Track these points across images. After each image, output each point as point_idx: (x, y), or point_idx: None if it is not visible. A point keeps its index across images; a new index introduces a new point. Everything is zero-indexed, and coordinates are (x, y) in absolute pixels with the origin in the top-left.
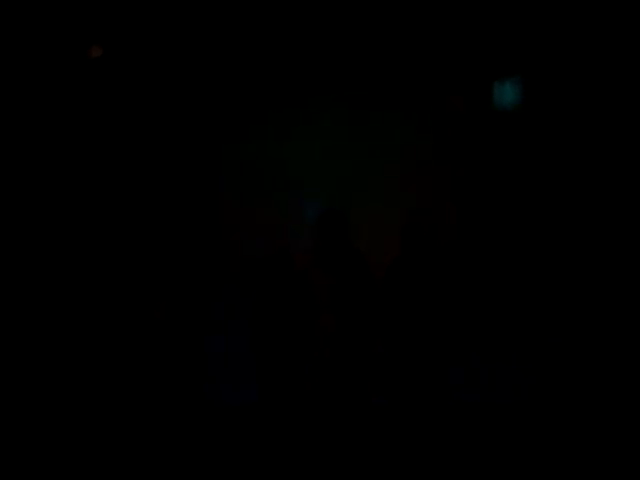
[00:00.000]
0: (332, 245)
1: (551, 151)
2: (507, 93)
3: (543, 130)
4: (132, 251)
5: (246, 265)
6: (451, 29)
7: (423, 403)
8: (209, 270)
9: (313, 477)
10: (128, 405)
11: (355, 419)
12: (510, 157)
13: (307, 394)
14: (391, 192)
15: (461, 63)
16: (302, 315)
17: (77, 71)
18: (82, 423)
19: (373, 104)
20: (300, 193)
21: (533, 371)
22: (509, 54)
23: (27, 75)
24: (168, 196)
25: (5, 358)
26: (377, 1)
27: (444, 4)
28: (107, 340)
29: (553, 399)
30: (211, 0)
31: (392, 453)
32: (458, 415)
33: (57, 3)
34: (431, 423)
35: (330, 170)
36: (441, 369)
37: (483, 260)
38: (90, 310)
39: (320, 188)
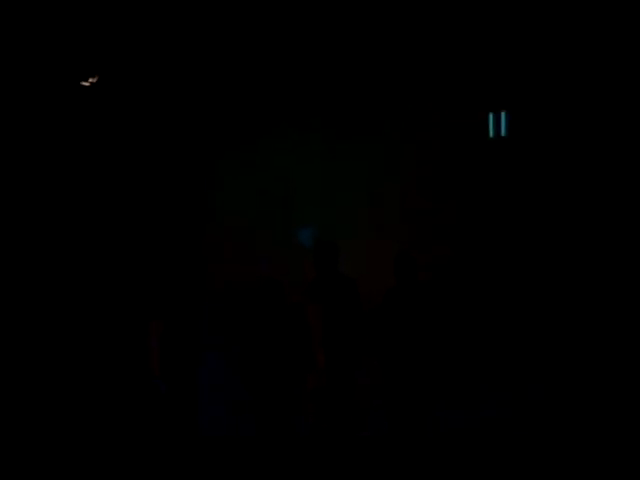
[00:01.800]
0: (324, 276)
1: (533, 181)
2: (495, 122)
3: (528, 157)
4: (124, 271)
5: (237, 293)
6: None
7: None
8: (200, 296)
9: None
10: (119, 434)
11: (347, 449)
12: (496, 182)
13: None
14: (379, 218)
15: (451, 92)
16: (295, 346)
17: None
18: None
19: (362, 131)
20: (292, 217)
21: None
22: (496, 85)
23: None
24: (162, 214)
25: None
26: (375, 29)
27: (435, 32)
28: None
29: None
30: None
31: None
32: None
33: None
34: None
35: (321, 195)
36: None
37: (476, 288)
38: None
39: (312, 212)
